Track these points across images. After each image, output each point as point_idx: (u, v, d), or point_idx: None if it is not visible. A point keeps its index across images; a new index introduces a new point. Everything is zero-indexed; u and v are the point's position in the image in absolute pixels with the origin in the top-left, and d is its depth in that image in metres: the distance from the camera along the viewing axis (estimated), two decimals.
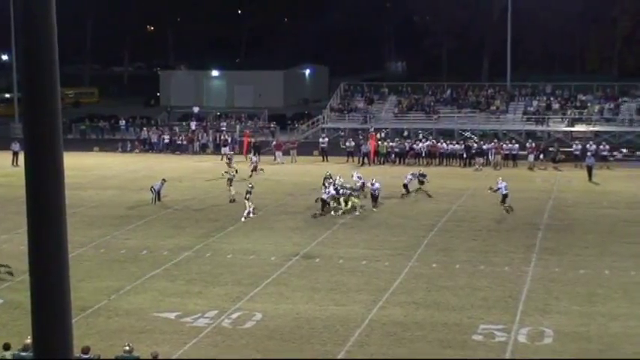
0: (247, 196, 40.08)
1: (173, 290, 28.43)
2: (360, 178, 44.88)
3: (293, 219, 39.74)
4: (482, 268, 30.90)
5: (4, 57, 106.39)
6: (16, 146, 58.31)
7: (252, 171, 51.92)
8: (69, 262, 6.24)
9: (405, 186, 45.02)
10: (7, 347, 20.33)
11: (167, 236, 36.48)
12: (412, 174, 45.93)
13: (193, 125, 71.55)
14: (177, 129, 71.14)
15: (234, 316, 25.67)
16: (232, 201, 43.10)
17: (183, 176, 51.57)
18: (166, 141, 66.92)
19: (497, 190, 42.15)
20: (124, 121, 77.45)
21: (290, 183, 49.94)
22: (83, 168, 53.37)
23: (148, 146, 67.17)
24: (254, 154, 56.47)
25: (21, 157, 55.29)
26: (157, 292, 28.24)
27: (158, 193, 43.74)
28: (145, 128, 71.78)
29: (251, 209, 39.93)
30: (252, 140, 62.41)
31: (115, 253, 33.71)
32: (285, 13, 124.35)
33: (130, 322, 25.13)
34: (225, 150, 61.83)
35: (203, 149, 65.26)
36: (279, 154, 59.87)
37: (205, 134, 67.77)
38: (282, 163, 58.43)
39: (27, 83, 6.00)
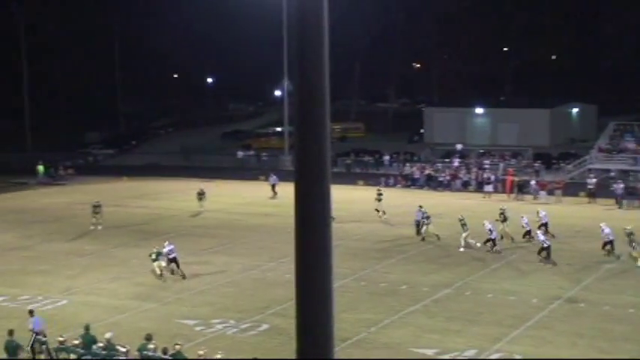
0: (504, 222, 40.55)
1: (432, 327, 28.38)
2: (527, 223, 43.24)
3: (556, 261, 38.57)
4: None
5: (277, 92, 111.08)
6: (272, 179, 60.37)
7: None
8: (333, 292, 6.34)
9: None
10: None
11: (427, 272, 36.53)
12: None
13: (456, 162, 71.54)
14: (439, 165, 71.33)
15: (494, 357, 25.26)
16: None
17: (444, 213, 51.37)
18: (428, 176, 67.35)
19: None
20: (387, 156, 78.65)
21: (554, 225, 48.55)
22: (347, 201, 54.50)
23: (410, 182, 67.75)
24: None
25: (277, 188, 57.63)
26: (415, 327, 28.31)
27: (418, 223, 44.17)
28: (407, 164, 72.59)
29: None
30: (516, 179, 61.56)
31: (376, 286, 34.14)
32: (552, 51, 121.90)
33: (388, 355, 25.31)
34: (487, 188, 61.28)
35: (465, 187, 64.98)
36: (543, 193, 58.63)
37: (468, 172, 67.51)
38: (547, 203, 57.04)
39: (299, 118, 6.18)
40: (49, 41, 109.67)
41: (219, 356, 22.48)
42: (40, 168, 73.92)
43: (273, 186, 60.12)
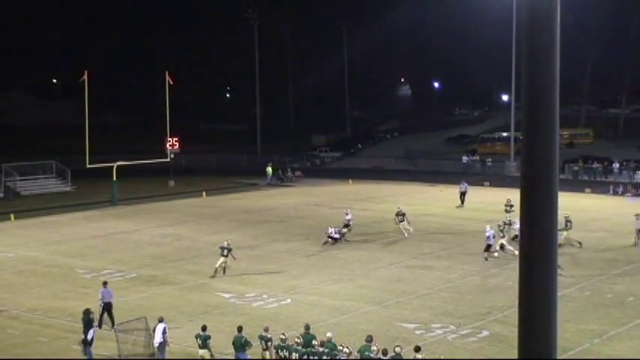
0: None
1: None
2: None
3: None
4: None
5: (504, 97, 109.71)
6: (463, 186, 58.98)
7: None
8: (557, 301, 6.22)
9: None
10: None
11: None
12: None
13: None
14: None
15: None
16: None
17: None
18: None
19: None
20: (617, 164, 76.07)
21: None
22: (573, 209, 52.99)
23: None
24: None
25: (466, 197, 56.36)
26: None
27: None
28: (638, 172, 69.84)
29: None
30: None
31: (601, 296, 33.07)
32: None
33: None
34: None
35: None
36: None
37: None
38: None
39: (527, 123, 6.12)
40: (282, 46, 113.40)
41: (419, 356, 22.43)
42: (269, 170, 76.43)
43: (463, 194, 58.68)
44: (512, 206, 49.22)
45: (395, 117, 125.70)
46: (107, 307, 29.41)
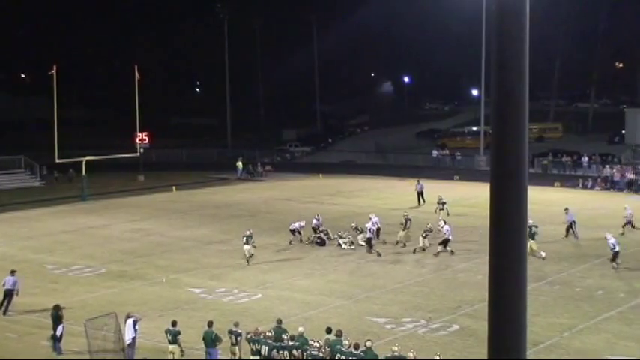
0: None
1: (629, 334, 27.41)
2: None
3: None
4: None
5: (474, 91, 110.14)
6: (419, 186, 58.35)
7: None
8: (526, 295, 6.25)
9: None
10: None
11: (624, 277, 35.31)
12: None
13: None
14: None
15: None
16: None
17: None
18: (629, 180, 64.91)
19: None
20: (586, 158, 76.59)
21: None
22: (543, 202, 53.36)
23: (609, 184, 65.60)
24: None
25: (424, 196, 56.11)
26: (611, 334, 27.42)
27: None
28: (607, 166, 70.32)
29: None
30: None
31: (570, 290, 33.30)
32: None
33: None
34: None
35: None
36: None
37: None
38: None
39: (496, 117, 6.13)
40: (253, 41, 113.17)
41: (411, 355, 22.47)
42: (240, 164, 76.25)
43: (420, 194, 58.15)
44: (444, 203, 49.61)
45: (365, 111, 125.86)
46: (7, 294, 30.88)
